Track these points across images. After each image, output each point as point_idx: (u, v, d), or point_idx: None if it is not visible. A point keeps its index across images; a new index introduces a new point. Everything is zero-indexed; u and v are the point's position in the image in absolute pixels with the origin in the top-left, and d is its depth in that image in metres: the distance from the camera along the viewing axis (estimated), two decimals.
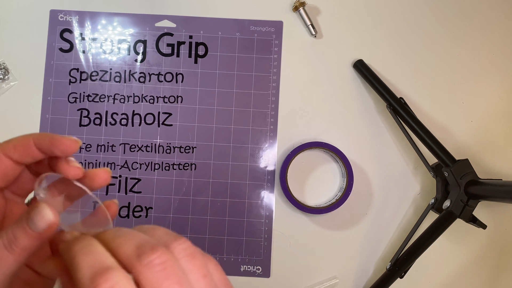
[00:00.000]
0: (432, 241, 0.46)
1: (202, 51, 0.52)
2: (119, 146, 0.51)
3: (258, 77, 0.52)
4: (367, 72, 0.51)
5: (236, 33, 0.52)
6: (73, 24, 0.52)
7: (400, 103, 0.49)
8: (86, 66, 0.52)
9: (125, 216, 0.50)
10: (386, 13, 0.53)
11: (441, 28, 0.53)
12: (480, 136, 0.52)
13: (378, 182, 0.52)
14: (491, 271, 0.51)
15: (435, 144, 0.48)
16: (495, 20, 0.53)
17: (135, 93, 0.52)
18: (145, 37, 0.52)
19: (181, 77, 0.52)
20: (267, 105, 0.52)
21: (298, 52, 0.52)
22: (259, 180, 0.51)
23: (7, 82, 0.51)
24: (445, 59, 0.53)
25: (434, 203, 0.49)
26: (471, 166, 0.46)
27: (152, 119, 0.52)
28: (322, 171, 0.52)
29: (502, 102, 0.53)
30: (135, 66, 0.52)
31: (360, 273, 0.51)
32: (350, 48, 0.53)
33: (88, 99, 0.51)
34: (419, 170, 0.52)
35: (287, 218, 0.51)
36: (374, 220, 0.51)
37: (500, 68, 0.53)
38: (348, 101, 0.52)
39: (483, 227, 0.47)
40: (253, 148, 0.51)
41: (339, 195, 0.50)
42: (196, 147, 0.51)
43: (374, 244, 0.51)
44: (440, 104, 0.52)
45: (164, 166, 0.51)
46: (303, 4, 0.51)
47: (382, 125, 0.52)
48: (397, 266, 0.47)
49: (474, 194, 0.45)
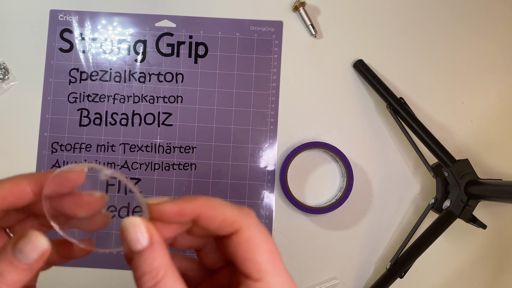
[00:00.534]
0: (432, 241, 0.46)
1: (202, 51, 0.52)
2: (119, 146, 0.51)
3: (258, 77, 0.52)
4: (367, 72, 0.51)
5: (236, 33, 0.52)
6: (73, 24, 0.52)
7: (400, 103, 0.49)
8: (86, 66, 0.52)
9: (125, 216, 0.50)
10: (386, 13, 0.53)
11: (441, 28, 0.53)
12: (480, 136, 0.52)
13: (378, 182, 0.52)
14: (491, 271, 0.51)
15: (435, 144, 0.48)
16: (495, 20, 0.53)
17: (135, 93, 0.52)
18: (145, 37, 0.52)
19: (181, 77, 0.52)
20: (267, 105, 0.52)
21: (298, 52, 0.52)
22: (259, 180, 0.51)
23: (7, 82, 0.51)
24: (445, 59, 0.53)
25: (434, 203, 0.49)
26: (471, 166, 0.46)
27: (152, 119, 0.52)
28: (322, 171, 0.52)
29: (502, 102, 0.53)
30: (135, 66, 0.52)
31: (360, 273, 0.51)
32: (350, 48, 0.53)
33: (88, 99, 0.51)
34: (419, 170, 0.52)
35: (287, 218, 0.51)
36: (374, 220, 0.51)
37: (500, 68, 0.53)
38: (348, 101, 0.52)
39: (483, 227, 0.47)
40: (253, 148, 0.51)
41: (339, 195, 0.50)
42: (196, 147, 0.51)
43: (374, 244, 0.51)
44: (440, 104, 0.52)
45: (164, 166, 0.51)
46: (303, 4, 0.51)
47: (382, 125, 0.52)
48: (397, 266, 0.47)
49: (474, 194, 0.45)
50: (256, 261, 0.21)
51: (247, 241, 0.21)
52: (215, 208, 0.22)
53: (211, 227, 0.22)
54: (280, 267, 0.21)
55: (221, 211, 0.21)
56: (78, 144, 0.51)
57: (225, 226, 0.21)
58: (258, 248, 0.21)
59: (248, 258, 0.21)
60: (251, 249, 0.21)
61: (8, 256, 0.19)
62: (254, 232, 0.21)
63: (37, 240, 0.19)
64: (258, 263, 0.21)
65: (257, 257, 0.21)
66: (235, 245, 0.21)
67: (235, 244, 0.21)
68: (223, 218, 0.21)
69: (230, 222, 0.21)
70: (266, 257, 0.21)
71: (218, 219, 0.21)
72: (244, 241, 0.21)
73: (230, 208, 0.22)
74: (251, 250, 0.21)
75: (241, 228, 0.21)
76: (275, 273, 0.21)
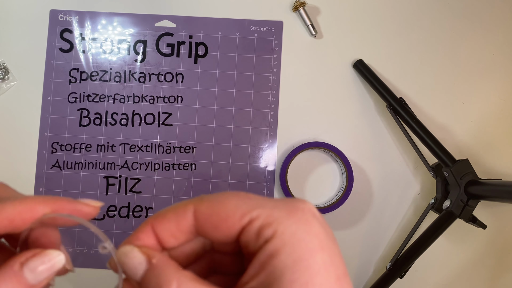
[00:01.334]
0: (432, 241, 0.46)
1: (202, 51, 0.52)
2: (119, 146, 0.51)
3: (258, 77, 0.52)
4: (367, 72, 0.51)
5: (236, 33, 0.52)
6: (73, 24, 0.52)
7: (400, 103, 0.49)
8: (86, 66, 0.52)
9: (125, 216, 0.50)
10: (386, 13, 0.53)
11: (441, 28, 0.53)
12: (480, 136, 0.52)
13: (378, 182, 0.52)
14: (491, 271, 0.51)
15: (435, 144, 0.48)
16: (495, 20, 0.53)
17: (135, 93, 0.52)
18: (145, 37, 0.52)
19: (181, 77, 0.52)
20: (267, 105, 0.52)
21: (298, 52, 0.52)
22: (259, 180, 0.51)
23: (7, 82, 0.51)
24: (445, 59, 0.53)
25: (434, 203, 0.49)
26: (471, 166, 0.46)
27: (152, 119, 0.52)
28: (322, 171, 0.52)
29: (502, 102, 0.53)
30: (135, 66, 0.52)
31: (360, 273, 0.51)
32: (350, 48, 0.53)
33: (88, 99, 0.51)
34: (419, 170, 0.52)
35: None
36: (374, 220, 0.51)
37: (500, 68, 0.53)
38: (348, 101, 0.52)
39: (483, 227, 0.47)
40: (253, 148, 0.51)
41: (339, 195, 0.50)
42: (196, 147, 0.51)
43: (374, 244, 0.51)
44: (440, 104, 0.52)
45: (164, 166, 0.51)
46: (303, 4, 0.51)
47: (382, 125, 0.52)
48: (397, 266, 0.47)
49: (474, 194, 0.45)
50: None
51: (294, 262, 0.14)
52: (214, 204, 0.17)
53: (213, 234, 0.17)
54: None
55: (224, 206, 0.16)
56: (78, 144, 0.51)
57: (232, 229, 0.16)
58: (316, 275, 0.14)
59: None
60: (303, 275, 0.14)
61: (14, 273, 0.17)
62: (305, 245, 0.15)
63: (57, 256, 0.18)
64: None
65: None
66: (272, 265, 0.15)
67: (271, 264, 0.15)
68: (226, 215, 0.16)
69: (256, 224, 0.16)
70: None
71: (218, 218, 0.16)
72: (288, 261, 0.14)
73: (252, 200, 0.16)
74: (302, 276, 0.14)
75: (278, 234, 0.15)
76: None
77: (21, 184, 0.51)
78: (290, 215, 0.16)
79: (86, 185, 0.51)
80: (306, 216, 0.16)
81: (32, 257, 0.17)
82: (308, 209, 0.16)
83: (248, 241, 0.16)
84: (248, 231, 0.16)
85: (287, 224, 0.16)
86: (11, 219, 0.18)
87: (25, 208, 0.18)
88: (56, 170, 0.51)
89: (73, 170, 0.51)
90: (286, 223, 0.16)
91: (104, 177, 0.51)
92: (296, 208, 0.16)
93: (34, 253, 0.18)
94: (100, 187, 0.51)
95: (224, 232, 0.17)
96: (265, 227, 0.16)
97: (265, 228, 0.16)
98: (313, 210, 0.17)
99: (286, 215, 0.16)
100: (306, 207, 0.16)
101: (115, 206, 0.50)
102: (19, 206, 0.18)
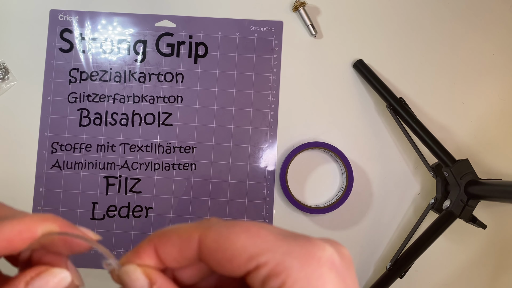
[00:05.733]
0: (432, 241, 0.46)
1: (202, 51, 0.52)
2: (119, 146, 0.51)
3: (258, 77, 0.52)
4: (367, 72, 0.51)
5: (236, 33, 0.52)
6: (73, 24, 0.52)
7: (400, 103, 0.49)
8: (86, 66, 0.52)
9: (125, 216, 0.50)
10: (386, 13, 0.53)
11: (441, 28, 0.53)
12: (480, 136, 0.52)
13: (378, 182, 0.52)
14: (491, 271, 0.51)
15: (435, 144, 0.48)
16: (495, 20, 0.53)
17: (135, 93, 0.52)
18: (145, 37, 0.52)
19: (181, 77, 0.52)
20: (267, 105, 0.52)
21: (298, 52, 0.52)
22: (259, 180, 0.51)
23: (7, 82, 0.51)
24: (445, 59, 0.53)
25: (434, 203, 0.49)
26: (471, 166, 0.46)
27: (152, 119, 0.52)
28: (322, 171, 0.52)
29: (502, 102, 0.53)
30: (135, 66, 0.52)
31: (360, 273, 0.51)
32: (350, 48, 0.53)
33: (88, 99, 0.51)
34: (419, 170, 0.52)
35: (287, 218, 0.51)
36: (374, 220, 0.51)
37: (500, 68, 0.53)
38: (348, 101, 0.52)
39: (483, 227, 0.47)
40: (253, 148, 0.51)
41: (339, 195, 0.50)
42: (196, 147, 0.51)
43: (374, 244, 0.51)
44: (440, 104, 0.52)
45: (164, 166, 0.51)
46: (303, 4, 0.51)
47: (382, 125, 0.52)
48: (397, 266, 0.47)
49: (474, 194, 0.45)
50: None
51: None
52: (221, 239, 0.15)
53: (216, 268, 0.16)
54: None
55: (230, 244, 0.15)
56: (78, 144, 0.51)
57: (237, 270, 0.15)
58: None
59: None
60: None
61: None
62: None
63: (60, 277, 0.17)
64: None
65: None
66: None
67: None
68: (231, 255, 0.15)
69: (263, 272, 0.14)
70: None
71: (223, 257, 0.15)
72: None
73: (263, 240, 0.15)
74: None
75: (289, 279, 0.14)
76: None
77: (21, 184, 0.51)
78: (303, 266, 0.14)
79: (86, 185, 0.51)
80: (322, 270, 0.14)
81: (36, 276, 0.17)
82: (326, 259, 0.14)
83: (253, 283, 0.15)
84: (254, 277, 0.15)
85: (298, 277, 0.14)
86: (10, 240, 0.17)
87: (24, 227, 0.17)
88: (56, 170, 0.51)
89: (73, 170, 0.51)
90: (297, 276, 0.14)
91: (104, 177, 0.51)
92: (312, 257, 0.14)
93: (39, 271, 0.17)
94: (100, 187, 0.51)
95: (228, 271, 0.16)
96: (272, 276, 0.14)
97: (272, 278, 0.14)
98: (332, 259, 0.15)
99: (298, 265, 0.14)
100: (325, 255, 0.14)
101: (115, 206, 0.50)
102: (18, 225, 0.17)
